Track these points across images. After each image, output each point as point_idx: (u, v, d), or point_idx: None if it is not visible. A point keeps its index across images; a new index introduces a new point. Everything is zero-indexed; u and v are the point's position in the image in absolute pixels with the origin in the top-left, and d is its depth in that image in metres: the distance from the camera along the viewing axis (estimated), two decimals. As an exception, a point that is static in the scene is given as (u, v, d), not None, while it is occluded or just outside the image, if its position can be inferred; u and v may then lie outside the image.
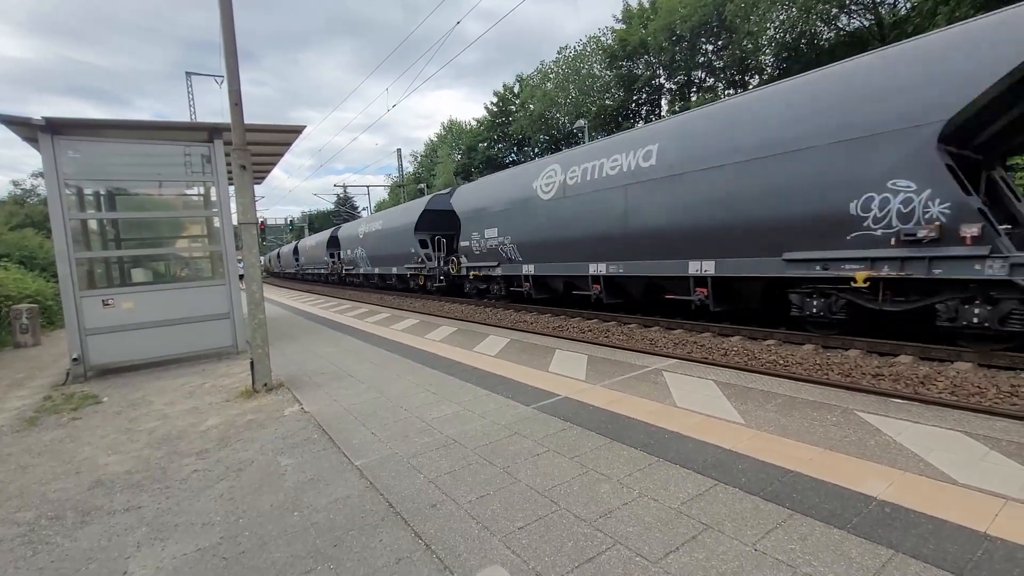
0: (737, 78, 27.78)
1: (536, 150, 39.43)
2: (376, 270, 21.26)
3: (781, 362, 5.96)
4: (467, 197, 13.93)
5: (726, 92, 27.68)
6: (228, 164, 7.21)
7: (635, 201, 8.44)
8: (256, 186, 7.35)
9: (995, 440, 3.05)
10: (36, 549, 2.58)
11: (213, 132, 7.16)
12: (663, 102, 32.88)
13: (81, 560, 2.45)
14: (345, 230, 25.31)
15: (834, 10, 22.28)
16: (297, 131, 8.18)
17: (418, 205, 16.86)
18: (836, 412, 3.65)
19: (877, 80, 5.62)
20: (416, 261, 16.87)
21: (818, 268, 6.26)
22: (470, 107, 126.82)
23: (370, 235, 20.76)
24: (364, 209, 55.97)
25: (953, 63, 5.05)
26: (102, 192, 8.64)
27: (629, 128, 24.94)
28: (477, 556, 2.22)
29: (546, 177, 10.61)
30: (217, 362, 7.08)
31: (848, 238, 5.88)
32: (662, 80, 31.82)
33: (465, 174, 42.16)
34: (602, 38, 33.76)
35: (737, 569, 2.01)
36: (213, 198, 7.51)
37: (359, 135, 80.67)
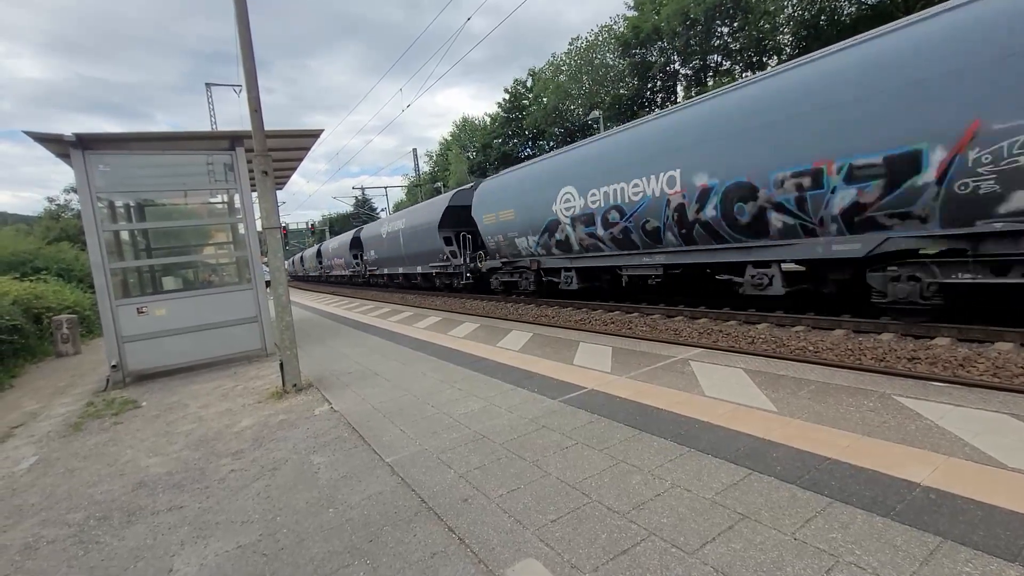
0: (755, 60, 27.11)
1: (552, 143, 39.21)
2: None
3: (811, 348, 5.81)
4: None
5: (744, 74, 27.03)
6: (250, 171, 7.36)
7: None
8: (277, 191, 7.49)
9: (1045, 422, 2.92)
10: (87, 548, 2.68)
11: (234, 140, 7.31)
12: (679, 88, 32.33)
13: (129, 559, 2.54)
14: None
15: (855, -17, 21.58)
16: (315, 135, 8.28)
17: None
18: (872, 397, 3.55)
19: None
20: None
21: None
22: (480, 104, 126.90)
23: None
24: (383, 210, 56.56)
25: None
26: (132, 204, 8.92)
27: (645, 115, 24.52)
28: (511, 549, 2.22)
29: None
30: (247, 365, 7.26)
31: None
32: (677, 66, 31.29)
33: (481, 171, 42.20)
34: (614, 26, 33.34)
35: (777, 559, 1.97)
36: (237, 205, 7.67)
37: (373, 137, 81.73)
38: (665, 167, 7.95)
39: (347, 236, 29.29)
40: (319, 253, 37.90)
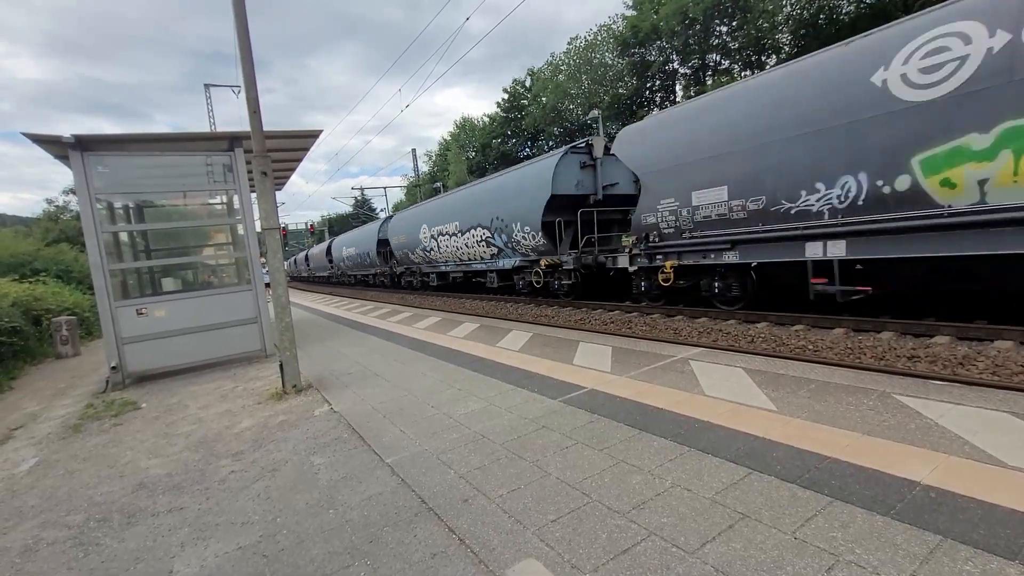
0: (754, 59, 27.10)
1: (551, 143, 39.19)
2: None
3: (811, 347, 5.82)
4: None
5: (743, 73, 27.04)
6: (249, 172, 7.35)
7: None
8: (277, 192, 7.47)
9: (1045, 420, 2.92)
10: (87, 550, 2.68)
11: (233, 141, 7.29)
12: (677, 88, 32.33)
13: (129, 560, 2.54)
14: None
15: (854, -18, 21.56)
16: (314, 135, 8.27)
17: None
18: (872, 396, 3.55)
19: None
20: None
21: None
22: (479, 103, 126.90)
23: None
24: (382, 210, 56.44)
25: None
26: (131, 205, 8.90)
27: (645, 115, 24.52)
28: (511, 550, 2.22)
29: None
30: (247, 366, 7.25)
31: None
32: (676, 65, 31.27)
33: (480, 171, 42.17)
34: (613, 26, 33.33)
35: (777, 558, 1.97)
36: (236, 206, 7.66)
37: (372, 138, 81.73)
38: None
39: (481, 188, 16.24)
40: (384, 237, 37.78)
